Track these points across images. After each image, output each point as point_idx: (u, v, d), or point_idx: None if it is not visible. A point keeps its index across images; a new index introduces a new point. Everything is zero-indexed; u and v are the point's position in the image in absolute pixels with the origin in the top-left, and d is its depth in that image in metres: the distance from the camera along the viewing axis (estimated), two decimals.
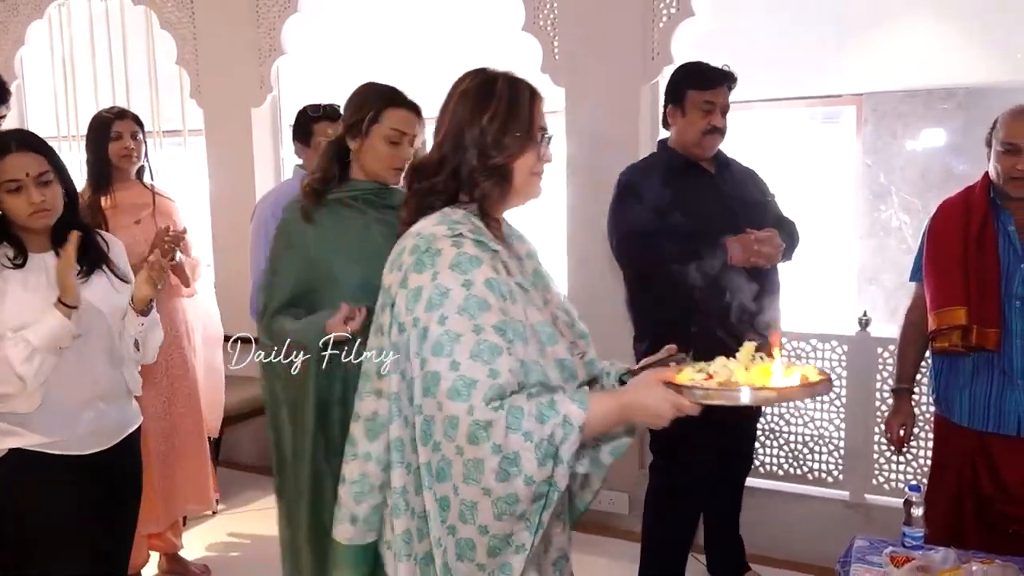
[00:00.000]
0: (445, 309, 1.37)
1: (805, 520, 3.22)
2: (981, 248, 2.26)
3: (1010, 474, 2.31)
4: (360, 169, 2.21)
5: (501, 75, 1.53)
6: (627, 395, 1.41)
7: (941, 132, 4.85)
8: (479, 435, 1.31)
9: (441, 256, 1.41)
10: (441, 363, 1.35)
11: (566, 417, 1.33)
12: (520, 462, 1.31)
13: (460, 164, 1.49)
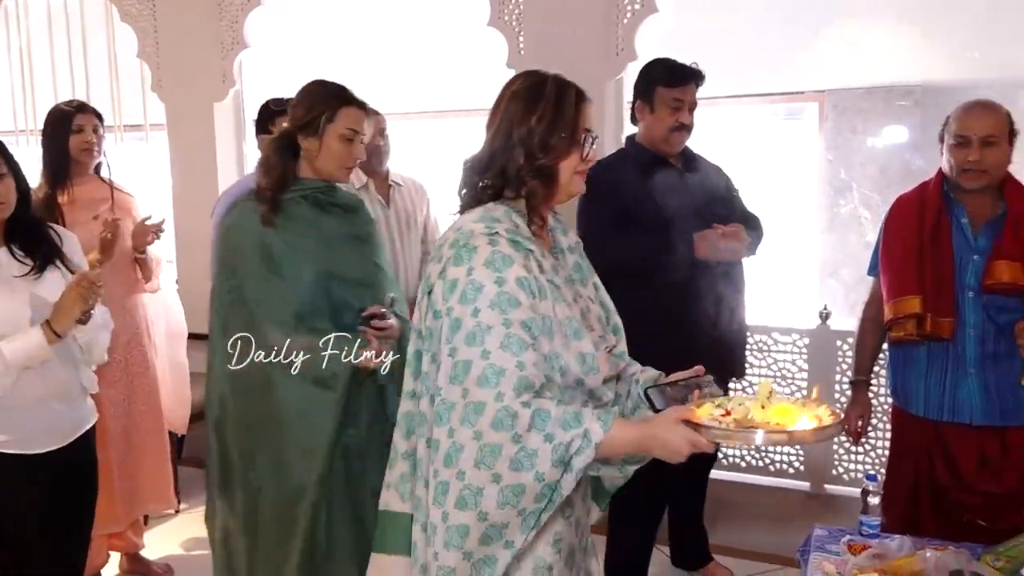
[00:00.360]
0: (479, 303, 1.45)
1: (767, 511, 3.27)
2: (936, 241, 2.31)
3: (964, 463, 2.36)
4: (311, 168, 2.20)
5: (551, 77, 1.59)
6: (649, 428, 1.46)
7: (899, 129, 4.95)
8: (504, 422, 1.39)
9: (477, 253, 1.48)
10: (473, 352, 1.43)
11: (587, 431, 1.41)
12: (536, 459, 1.40)
13: (508, 162, 1.55)
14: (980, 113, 2.27)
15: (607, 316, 1.74)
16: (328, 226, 2.21)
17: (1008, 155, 2.28)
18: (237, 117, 4.21)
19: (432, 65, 4.33)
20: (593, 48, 3.30)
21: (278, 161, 2.19)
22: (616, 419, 1.44)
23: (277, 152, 2.20)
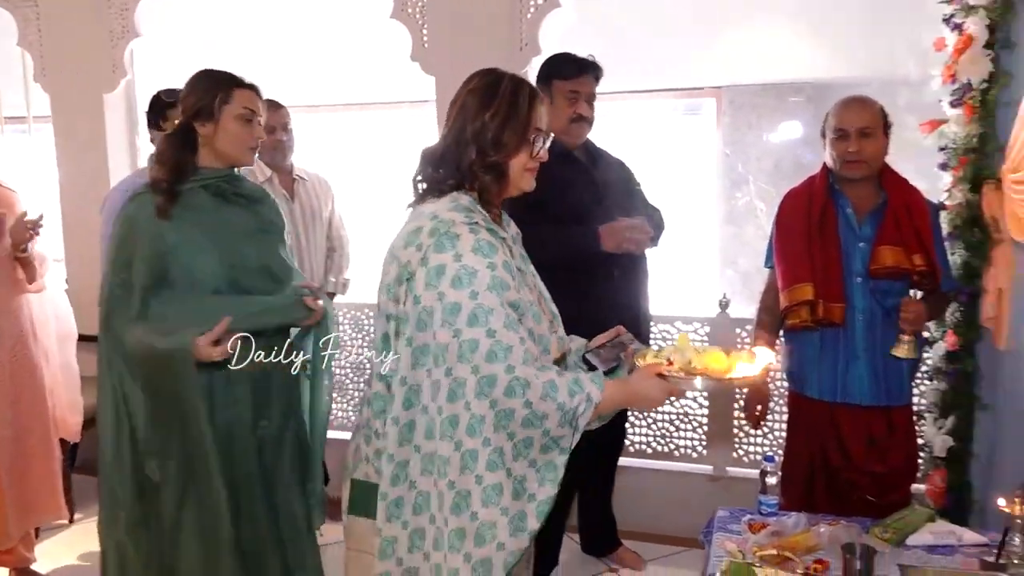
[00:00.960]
0: (476, 286, 1.55)
1: (672, 495, 3.36)
2: (823, 230, 2.42)
3: (854, 444, 2.48)
4: (212, 154, 2.15)
5: (507, 76, 1.68)
6: (631, 385, 1.67)
7: (792, 124, 5.15)
8: (516, 390, 1.53)
9: (461, 240, 1.57)
10: (478, 332, 1.53)
11: (589, 395, 1.58)
12: (546, 421, 1.56)
13: (461, 158, 1.64)
14: (856, 107, 2.39)
15: (546, 303, 1.84)
16: (230, 216, 2.17)
17: (884, 146, 2.41)
18: (129, 108, 4.04)
19: (334, 58, 4.26)
20: (497, 42, 3.32)
21: (172, 152, 2.12)
22: (607, 381, 1.63)
23: (172, 144, 2.14)
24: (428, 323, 1.56)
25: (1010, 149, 2.35)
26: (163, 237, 2.06)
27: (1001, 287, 2.50)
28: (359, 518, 1.75)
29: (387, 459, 1.62)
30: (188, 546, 2.12)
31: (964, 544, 2.15)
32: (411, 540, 1.61)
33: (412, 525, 1.61)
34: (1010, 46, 2.51)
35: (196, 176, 2.14)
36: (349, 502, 1.79)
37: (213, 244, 2.09)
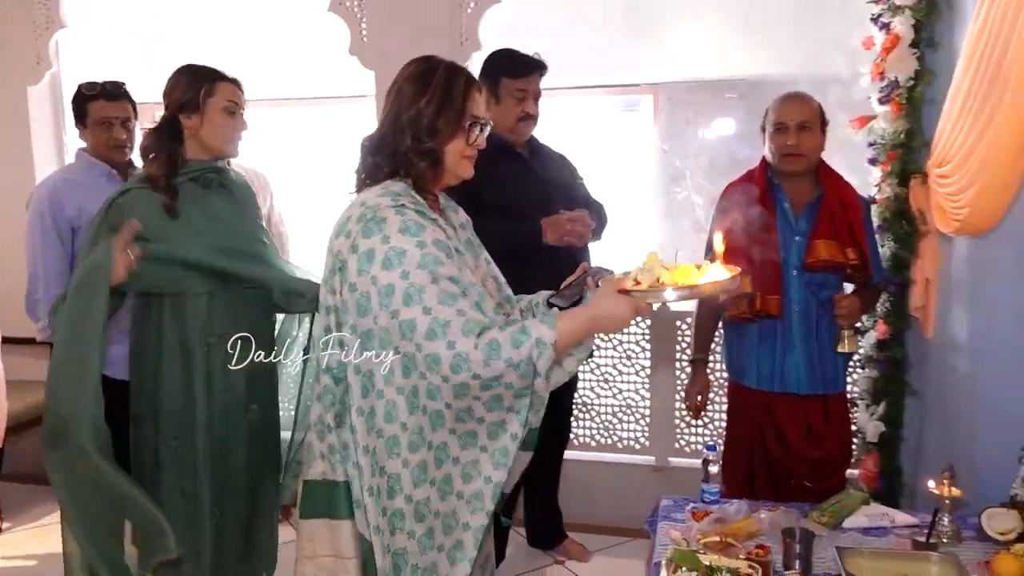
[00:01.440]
0: (406, 266, 1.53)
1: (616, 486, 3.40)
2: (762, 223, 2.47)
3: (792, 432, 2.55)
4: (198, 146, 2.20)
5: (443, 64, 1.67)
6: (593, 308, 1.58)
7: (727, 120, 5.24)
8: (461, 366, 1.51)
9: (387, 223, 1.55)
10: (414, 311, 1.52)
11: (538, 338, 1.51)
12: (502, 380, 1.53)
13: (397, 144, 1.62)
14: (795, 102, 2.46)
15: (499, 287, 1.85)
16: (217, 205, 2.23)
17: (821, 142, 2.48)
18: (55, 102, 3.90)
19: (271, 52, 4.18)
20: (438, 37, 3.30)
21: (160, 147, 2.16)
22: (559, 315, 1.57)
23: (159, 138, 2.18)
24: (367, 308, 1.57)
25: (935, 144, 2.44)
26: (166, 234, 2.10)
27: (928, 277, 2.60)
28: (315, 520, 1.72)
29: (363, 451, 1.62)
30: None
31: (897, 525, 2.23)
32: (391, 524, 1.62)
33: (390, 510, 1.62)
34: (934, 45, 2.61)
35: (184, 168, 2.18)
36: (302, 505, 1.75)
37: (198, 230, 2.15)
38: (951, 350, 2.55)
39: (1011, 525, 2.10)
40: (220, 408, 2.19)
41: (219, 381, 2.19)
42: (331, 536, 1.70)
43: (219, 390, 2.19)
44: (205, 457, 2.18)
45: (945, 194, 2.37)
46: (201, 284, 2.15)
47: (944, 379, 2.60)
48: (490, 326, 1.54)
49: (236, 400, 2.22)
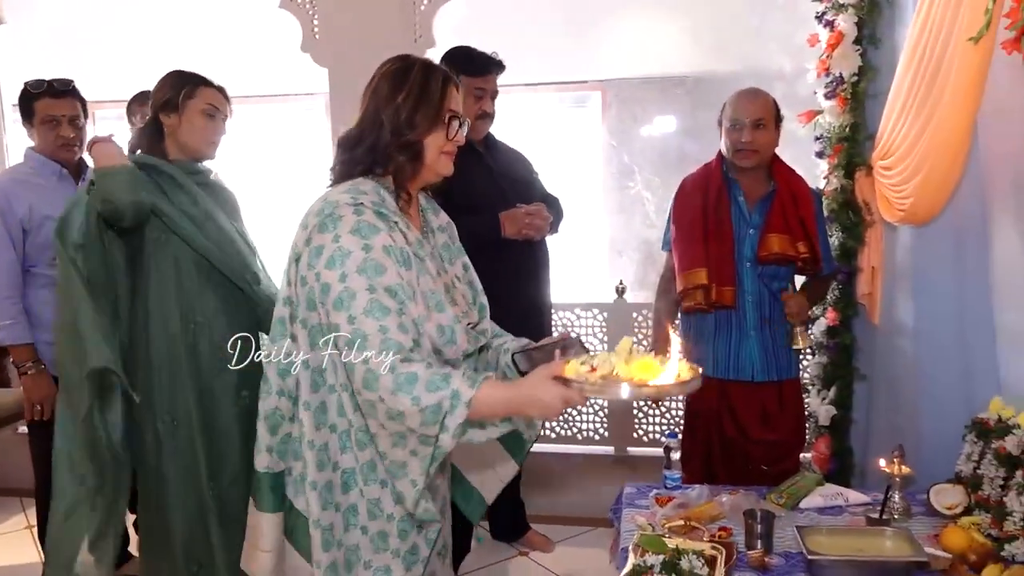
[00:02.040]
0: (346, 268, 1.52)
1: (577, 477, 3.46)
2: (717, 217, 2.55)
3: (748, 418, 2.63)
4: (175, 146, 2.30)
5: (419, 61, 1.69)
6: (521, 388, 1.52)
7: (674, 116, 5.34)
8: (372, 384, 1.49)
9: (342, 221, 1.55)
10: (341, 316, 1.52)
11: (455, 392, 1.47)
12: (405, 419, 1.49)
13: (377, 139, 1.62)
14: (750, 99, 2.52)
15: (473, 296, 1.83)
16: (200, 194, 2.33)
17: (775, 138, 2.55)
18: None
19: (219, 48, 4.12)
20: (391, 34, 3.30)
21: (146, 145, 2.29)
22: (487, 380, 1.50)
23: (144, 136, 2.30)
24: (314, 302, 1.58)
25: (879, 138, 2.54)
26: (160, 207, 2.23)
27: (874, 266, 2.70)
28: (263, 514, 1.73)
29: (308, 446, 1.62)
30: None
31: (851, 504, 2.33)
32: (345, 520, 1.63)
33: (344, 505, 1.63)
34: (876, 42, 2.71)
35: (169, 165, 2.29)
36: (255, 496, 1.76)
37: (192, 216, 2.27)
38: (896, 335, 2.65)
39: (957, 500, 2.21)
40: (212, 391, 2.27)
41: (207, 364, 2.26)
42: (270, 531, 1.72)
43: (209, 375, 2.26)
44: (199, 433, 2.26)
45: (889, 185, 2.47)
46: (188, 261, 2.24)
47: (890, 363, 2.70)
48: (413, 357, 1.50)
49: (227, 385, 2.28)
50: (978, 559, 1.94)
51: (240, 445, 2.30)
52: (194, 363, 2.25)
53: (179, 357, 2.24)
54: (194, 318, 2.25)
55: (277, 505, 1.70)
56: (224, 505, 2.29)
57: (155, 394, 2.25)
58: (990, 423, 2.20)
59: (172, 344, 2.24)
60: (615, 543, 2.47)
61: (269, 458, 1.71)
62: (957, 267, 2.40)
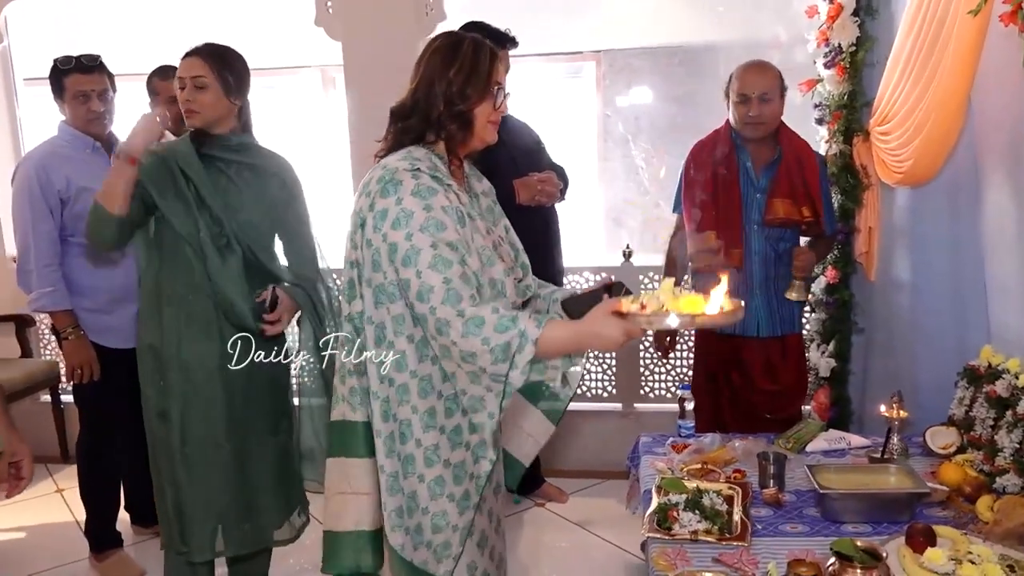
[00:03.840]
0: (410, 227, 1.65)
1: (587, 433, 3.62)
2: (726, 182, 2.68)
3: (754, 369, 2.80)
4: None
5: (467, 37, 1.79)
6: (585, 324, 1.64)
7: (666, 86, 5.45)
8: (442, 329, 1.63)
9: (403, 185, 1.67)
10: (409, 272, 1.64)
11: (523, 331, 1.59)
12: (477, 359, 1.62)
13: (430, 109, 1.74)
14: (757, 74, 2.63)
15: (516, 254, 1.95)
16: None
17: (781, 108, 2.68)
18: (6, 76, 3.82)
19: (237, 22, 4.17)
20: (403, 8, 3.38)
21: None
22: (550, 320, 1.63)
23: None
24: (379, 263, 1.69)
25: (877, 105, 2.68)
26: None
27: (871, 226, 2.86)
28: (337, 459, 1.85)
29: (373, 397, 1.74)
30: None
31: (853, 447, 2.51)
32: (404, 468, 1.75)
33: (402, 454, 1.75)
34: (873, 13, 2.85)
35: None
36: (328, 446, 1.90)
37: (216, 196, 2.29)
38: (893, 290, 2.82)
39: (951, 440, 2.39)
40: (187, 359, 2.28)
41: (186, 331, 2.27)
42: (348, 473, 1.83)
43: (188, 341, 2.27)
44: (217, 395, 2.29)
45: (887, 150, 2.62)
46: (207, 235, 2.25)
47: (887, 317, 2.88)
48: (480, 300, 1.63)
49: (208, 350, 2.30)
50: (972, 491, 2.12)
51: (257, 410, 2.38)
52: (206, 332, 2.28)
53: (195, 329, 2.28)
54: (209, 292, 2.28)
55: (371, 450, 1.80)
56: (241, 461, 2.36)
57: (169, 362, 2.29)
58: (981, 369, 2.38)
59: (189, 316, 2.28)
60: (632, 489, 2.64)
61: (344, 406, 1.83)
62: (951, 225, 2.56)
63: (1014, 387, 2.19)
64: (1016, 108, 2.14)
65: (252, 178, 2.35)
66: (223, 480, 2.32)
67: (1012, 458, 2.11)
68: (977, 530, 1.95)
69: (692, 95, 5.20)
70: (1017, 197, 2.21)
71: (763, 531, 2.03)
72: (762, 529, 2.04)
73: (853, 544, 1.70)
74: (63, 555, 3.11)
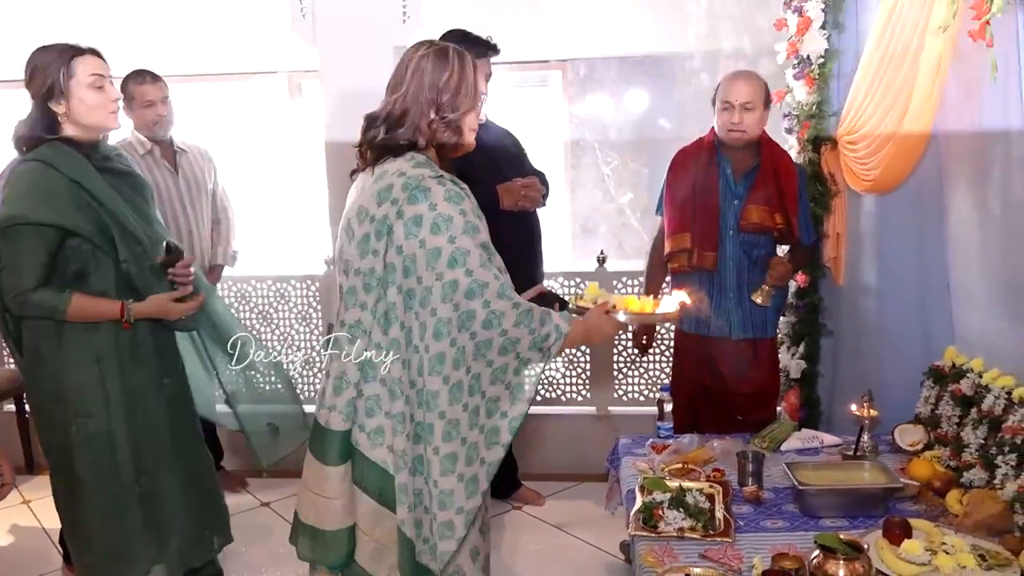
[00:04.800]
0: (452, 231, 1.71)
1: (563, 436, 3.66)
2: (706, 186, 2.75)
3: (727, 371, 2.86)
4: (75, 128, 2.18)
5: (450, 47, 1.83)
6: (589, 322, 1.92)
7: (631, 95, 5.54)
8: (493, 322, 1.74)
9: (432, 192, 1.73)
10: (458, 272, 1.71)
11: (558, 326, 1.82)
12: (519, 345, 1.79)
13: (420, 118, 1.77)
14: (741, 83, 2.69)
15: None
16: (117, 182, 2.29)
17: (764, 118, 2.73)
18: None
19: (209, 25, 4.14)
20: (381, 15, 3.39)
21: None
22: (569, 317, 1.85)
23: (39, 128, 2.17)
24: (412, 269, 1.72)
25: (845, 115, 2.79)
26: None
27: (839, 232, 2.96)
28: (331, 467, 1.86)
29: (404, 401, 1.79)
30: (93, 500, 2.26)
31: (825, 446, 2.60)
32: (414, 465, 1.78)
33: (412, 454, 1.78)
34: (840, 27, 2.96)
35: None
36: (309, 442, 1.92)
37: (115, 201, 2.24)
38: (860, 293, 2.92)
39: (918, 437, 2.49)
40: (134, 382, 2.27)
41: (128, 357, 2.26)
42: (321, 476, 1.86)
43: (130, 365, 2.26)
44: (122, 430, 2.25)
45: (855, 158, 2.72)
46: (111, 252, 2.19)
47: (855, 319, 2.98)
48: (516, 298, 1.78)
49: (150, 374, 2.32)
50: (942, 485, 2.22)
51: (169, 431, 2.36)
52: (118, 360, 2.24)
53: (101, 357, 2.22)
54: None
55: (345, 456, 1.83)
56: (155, 492, 2.34)
57: (68, 394, 2.21)
58: (946, 369, 2.49)
59: (92, 341, 2.21)
60: (612, 489, 2.69)
61: (340, 417, 1.83)
62: (916, 231, 2.66)
63: (978, 385, 2.30)
64: (980, 120, 2.24)
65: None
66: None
67: (978, 453, 2.21)
68: (948, 522, 2.05)
69: (658, 104, 5.30)
70: (979, 205, 2.32)
71: (745, 527, 2.10)
72: (744, 525, 2.11)
73: (837, 537, 1.78)
74: (36, 566, 3.05)
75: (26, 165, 2.13)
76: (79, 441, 2.22)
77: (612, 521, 2.91)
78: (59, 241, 2.11)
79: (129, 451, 2.26)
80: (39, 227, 2.07)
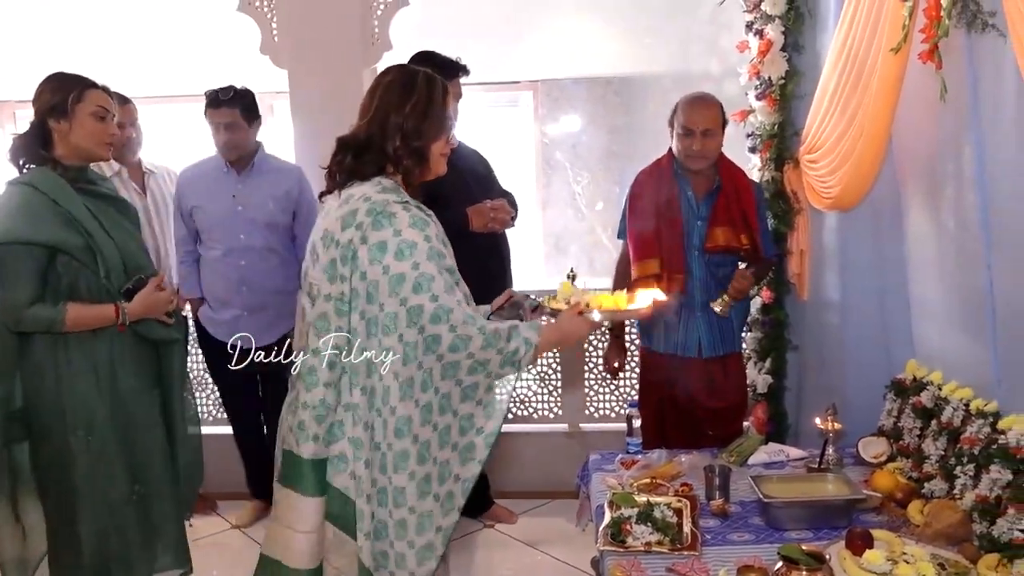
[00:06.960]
0: (416, 257, 1.72)
1: (535, 454, 3.68)
2: (669, 210, 2.79)
3: (696, 388, 2.89)
4: (67, 149, 2.23)
5: (420, 72, 1.84)
6: (562, 326, 1.93)
7: (601, 115, 5.62)
8: (459, 346, 1.74)
9: (397, 217, 1.71)
10: (422, 298, 1.71)
11: (527, 339, 1.81)
12: (489, 365, 1.79)
13: (385, 143, 1.78)
14: (701, 109, 2.73)
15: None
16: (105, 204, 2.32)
17: (721, 141, 2.78)
18: None
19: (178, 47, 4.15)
20: (349, 37, 3.42)
21: (32, 151, 2.22)
22: (540, 326, 1.86)
23: (33, 141, 2.22)
24: (375, 295, 1.72)
25: (805, 134, 2.85)
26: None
27: (803, 248, 3.02)
28: (306, 497, 1.84)
29: (363, 427, 1.77)
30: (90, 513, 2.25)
31: (791, 459, 2.63)
32: (395, 464, 1.77)
33: (379, 484, 1.78)
34: (800, 49, 3.03)
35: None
36: (280, 472, 1.91)
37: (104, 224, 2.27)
38: (824, 309, 2.97)
39: (881, 449, 2.53)
40: (127, 391, 2.28)
41: (121, 366, 2.27)
42: (292, 510, 1.85)
43: (123, 375, 2.28)
44: (118, 438, 2.26)
45: (816, 176, 2.78)
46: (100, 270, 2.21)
47: (819, 334, 3.03)
48: (480, 320, 1.78)
49: (142, 383, 2.32)
50: (904, 496, 2.26)
51: (162, 441, 2.38)
52: (110, 372, 2.26)
53: (95, 369, 2.23)
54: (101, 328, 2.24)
55: (321, 489, 1.81)
56: (149, 506, 2.34)
57: (67, 406, 2.22)
58: (907, 382, 2.53)
59: (89, 353, 2.23)
60: (583, 506, 2.71)
61: (315, 446, 1.81)
62: (876, 247, 2.72)
63: (938, 398, 2.34)
64: (933, 138, 2.30)
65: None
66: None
67: (938, 464, 2.25)
68: (909, 532, 2.08)
69: (627, 124, 5.38)
70: (935, 220, 2.37)
71: (712, 540, 2.12)
72: (711, 539, 2.13)
73: (799, 548, 1.80)
74: None
75: (12, 188, 2.19)
76: (79, 451, 2.23)
77: (583, 538, 2.92)
78: (48, 258, 2.15)
79: (124, 460, 2.28)
80: (28, 246, 2.11)
